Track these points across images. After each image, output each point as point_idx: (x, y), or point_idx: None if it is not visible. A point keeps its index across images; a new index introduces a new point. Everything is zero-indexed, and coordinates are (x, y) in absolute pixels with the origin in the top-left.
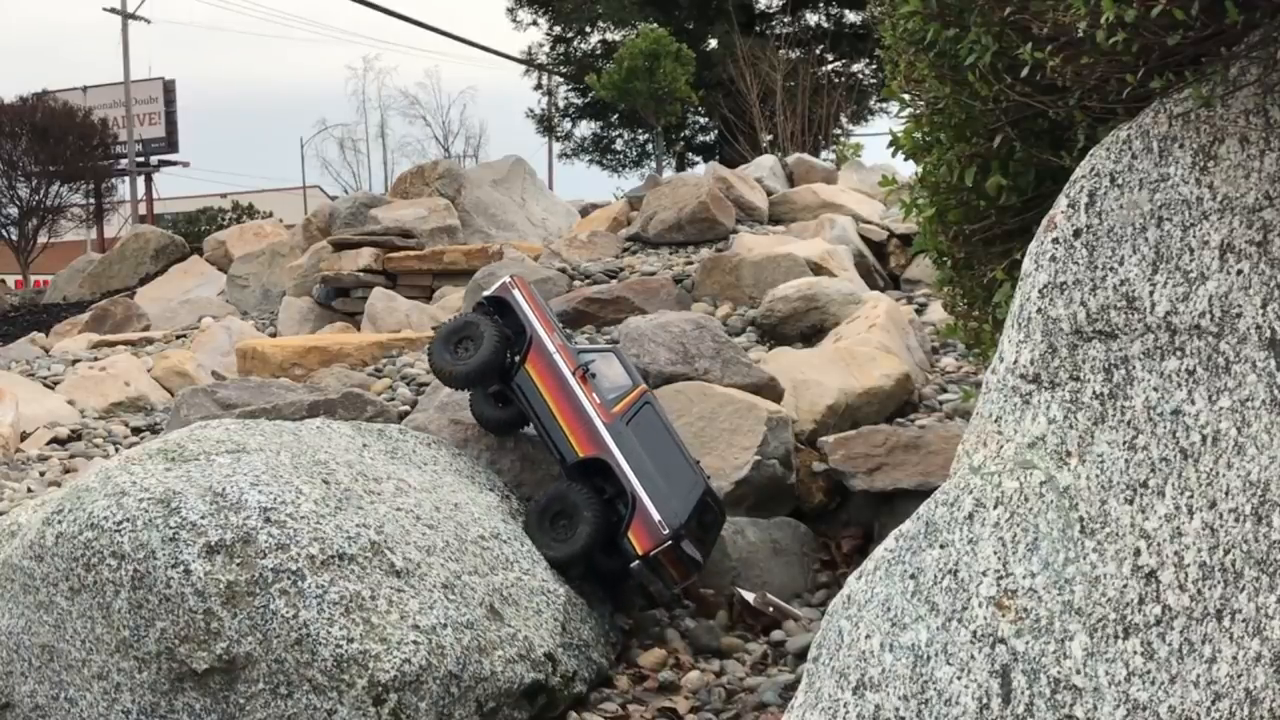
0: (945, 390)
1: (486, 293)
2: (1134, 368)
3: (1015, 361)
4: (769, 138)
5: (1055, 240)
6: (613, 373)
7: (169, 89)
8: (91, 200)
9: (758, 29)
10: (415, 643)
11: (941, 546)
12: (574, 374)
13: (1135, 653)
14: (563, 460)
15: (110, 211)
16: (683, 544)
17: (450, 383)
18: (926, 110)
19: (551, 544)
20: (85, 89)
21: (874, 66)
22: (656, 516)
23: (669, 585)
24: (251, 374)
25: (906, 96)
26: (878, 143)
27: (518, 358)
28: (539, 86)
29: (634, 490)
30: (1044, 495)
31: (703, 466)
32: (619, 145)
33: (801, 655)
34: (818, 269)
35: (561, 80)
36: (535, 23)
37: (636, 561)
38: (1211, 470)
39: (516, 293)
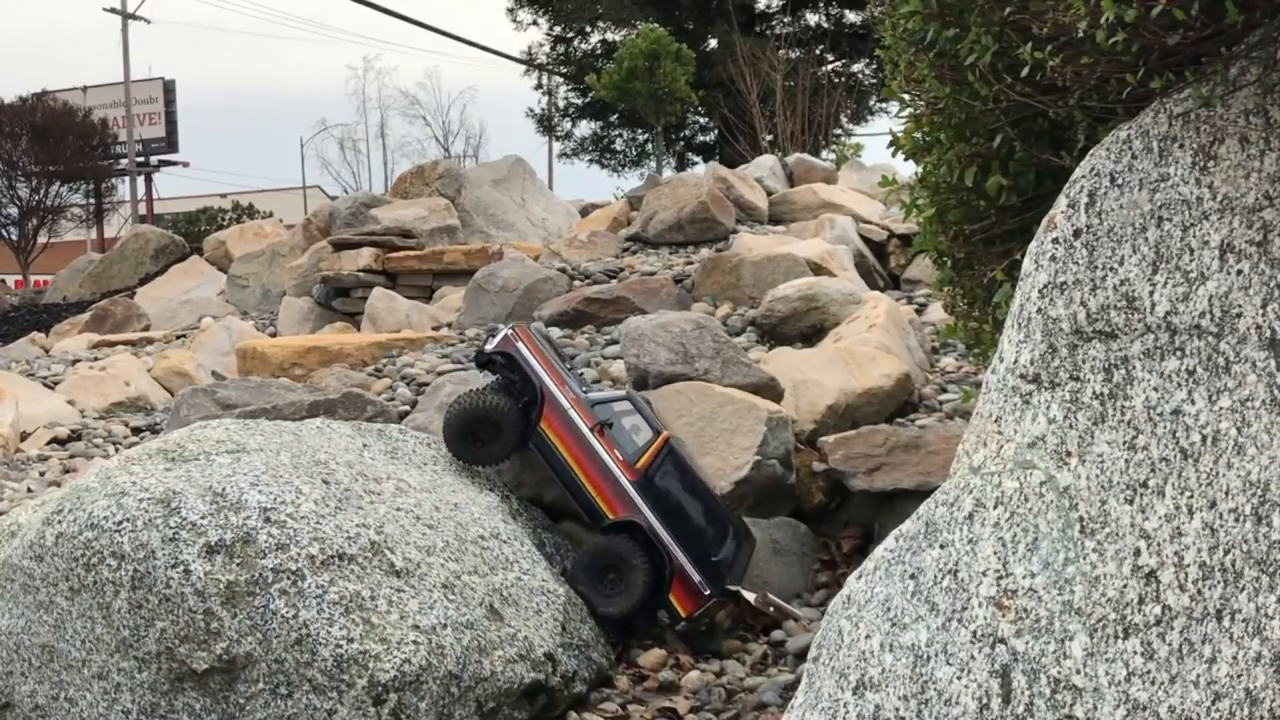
0: (945, 390)
1: (489, 347)
2: (1134, 368)
3: (1015, 361)
4: (769, 138)
5: (1055, 240)
6: (631, 422)
7: (169, 89)
8: (91, 200)
9: (758, 29)
10: (415, 643)
11: (941, 546)
12: (593, 431)
13: (1135, 653)
14: (592, 516)
15: (110, 211)
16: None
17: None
18: (926, 110)
19: (605, 599)
20: (85, 89)
21: (874, 66)
22: (697, 578)
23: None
24: (251, 374)
25: (906, 96)
26: (878, 143)
27: (531, 414)
28: (539, 86)
29: (671, 553)
30: (1044, 495)
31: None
32: (619, 145)
33: (801, 655)
34: (818, 269)
35: (561, 80)
36: (535, 23)
37: (681, 624)
38: (1211, 470)
39: (521, 346)
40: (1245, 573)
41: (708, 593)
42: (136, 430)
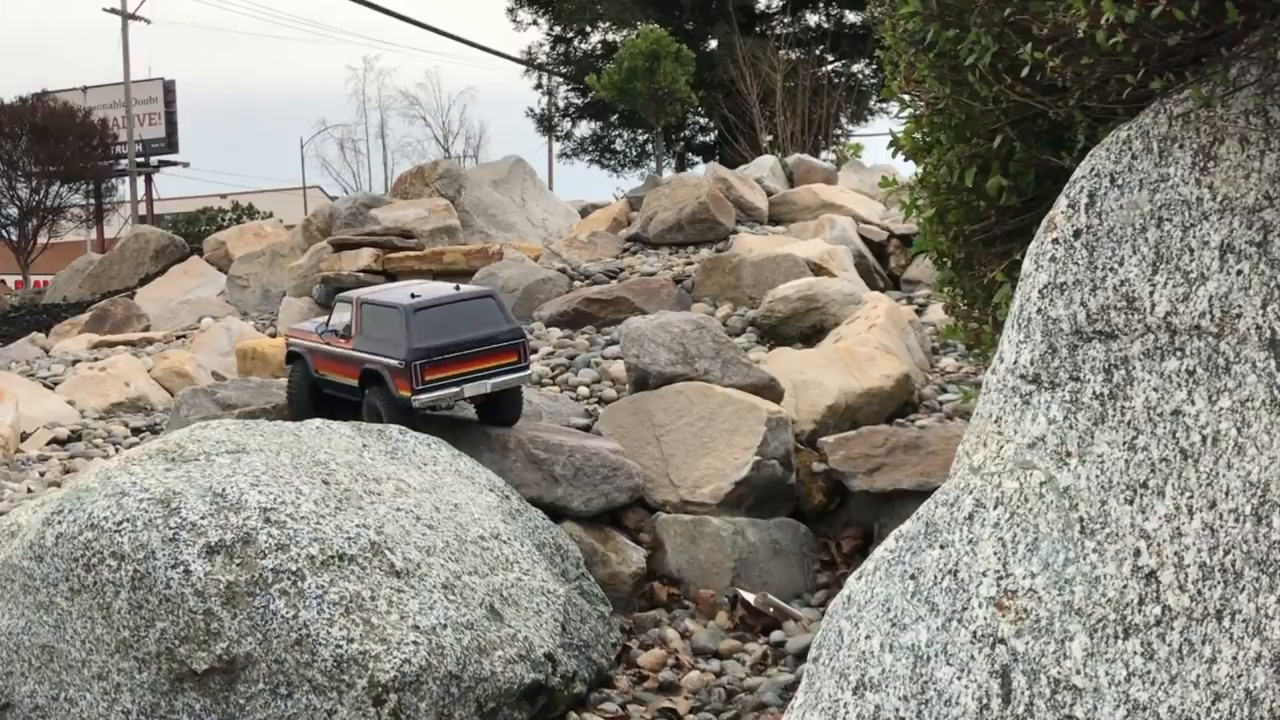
0: (945, 390)
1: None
2: (1134, 368)
3: (1015, 362)
4: (769, 138)
5: (1055, 240)
6: (344, 311)
7: (169, 89)
8: (91, 200)
9: (758, 29)
10: (415, 643)
11: (941, 547)
12: (331, 343)
13: (1135, 653)
14: (354, 392)
15: (110, 212)
16: (419, 365)
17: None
18: (926, 111)
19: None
20: (85, 89)
21: (874, 67)
22: (393, 361)
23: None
24: (251, 374)
25: (906, 97)
26: (878, 143)
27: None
28: (539, 86)
29: (374, 367)
30: (1044, 495)
31: (419, 295)
32: (619, 145)
33: (801, 655)
34: (818, 269)
35: (561, 80)
36: (535, 23)
37: (415, 403)
38: (1211, 471)
39: (292, 339)
40: (1245, 573)
41: (402, 364)
42: (136, 430)
